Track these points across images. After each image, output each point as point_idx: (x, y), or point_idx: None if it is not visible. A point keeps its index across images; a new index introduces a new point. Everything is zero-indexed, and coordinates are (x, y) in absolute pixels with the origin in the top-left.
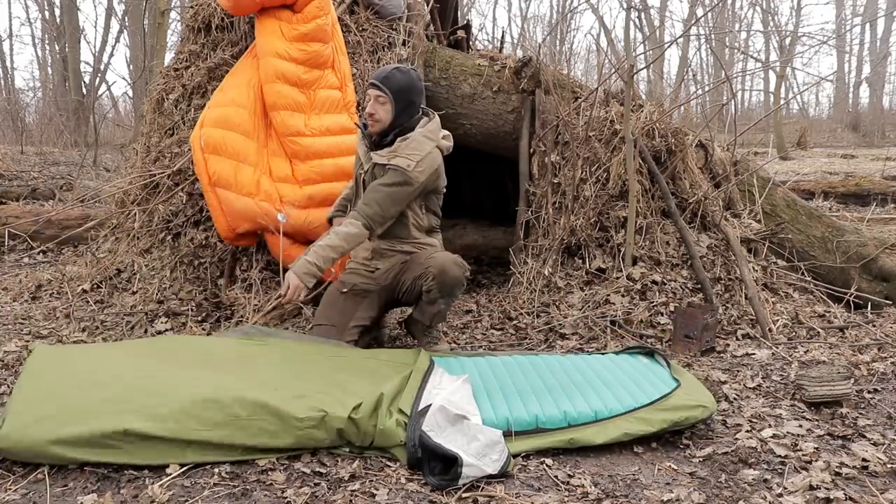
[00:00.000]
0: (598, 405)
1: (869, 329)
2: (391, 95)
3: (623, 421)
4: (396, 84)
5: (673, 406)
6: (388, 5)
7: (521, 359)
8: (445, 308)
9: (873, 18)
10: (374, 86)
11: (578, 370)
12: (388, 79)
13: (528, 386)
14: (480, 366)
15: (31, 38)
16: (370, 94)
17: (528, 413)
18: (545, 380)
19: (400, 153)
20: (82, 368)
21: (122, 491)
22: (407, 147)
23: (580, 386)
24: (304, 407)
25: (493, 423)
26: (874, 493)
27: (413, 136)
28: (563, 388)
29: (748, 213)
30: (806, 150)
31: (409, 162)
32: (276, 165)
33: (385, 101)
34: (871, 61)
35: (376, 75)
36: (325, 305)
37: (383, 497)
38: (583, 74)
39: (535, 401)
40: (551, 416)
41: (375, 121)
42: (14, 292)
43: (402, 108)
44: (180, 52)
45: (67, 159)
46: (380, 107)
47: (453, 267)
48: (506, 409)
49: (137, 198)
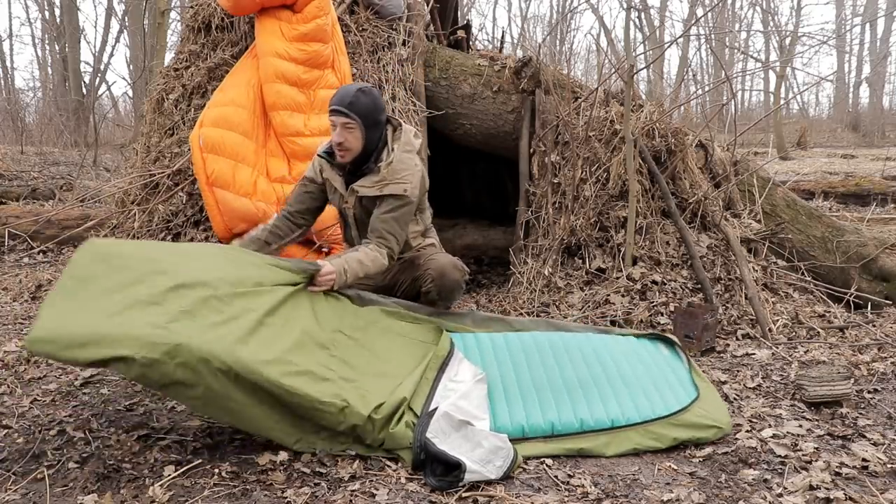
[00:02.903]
0: (615, 413)
1: (869, 329)
2: (360, 121)
3: (635, 434)
4: (364, 108)
5: (687, 423)
6: (388, 5)
7: (542, 340)
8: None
9: (873, 18)
10: (339, 112)
11: (599, 361)
12: (353, 104)
13: (546, 380)
14: (499, 350)
15: (31, 38)
16: (336, 121)
17: (544, 420)
18: (564, 372)
19: (390, 180)
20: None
21: (122, 491)
22: (396, 172)
23: (599, 384)
24: (327, 392)
25: (508, 431)
26: (874, 493)
27: (395, 157)
28: (582, 386)
29: (748, 213)
30: (806, 150)
31: (404, 186)
32: (274, 166)
33: (354, 128)
34: (871, 61)
35: (338, 101)
36: None
37: (383, 497)
38: (583, 74)
39: (552, 403)
40: (567, 423)
41: (345, 149)
42: (14, 292)
43: (371, 132)
44: (180, 52)
45: (67, 159)
46: (349, 134)
47: (453, 271)
48: (522, 414)
49: (137, 198)
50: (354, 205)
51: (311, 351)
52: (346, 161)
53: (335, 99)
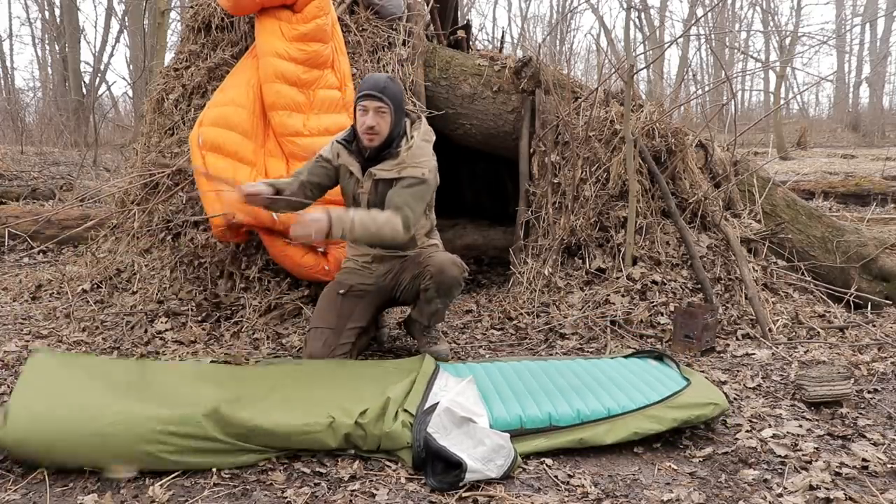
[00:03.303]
0: (610, 404)
1: (869, 329)
2: (392, 106)
3: (633, 419)
4: (395, 94)
5: (684, 404)
6: (388, 5)
7: (529, 363)
8: (443, 308)
9: (873, 18)
10: (372, 97)
11: (589, 373)
12: (386, 88)
13: (539, 387)
14: (489, 370)
15: (31, 38)
16: (368, 105)
17: (541, 411)
18: (556, 382)
19: (409, 163)
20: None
21: (122, 491)
22: (414, 157)
23: (592, 388)
24: (311, 413)
25: (506, 422)
26: (874, 493)
27: (415, 143)
28: (575, 390)
29: (748, 213)
30: (806, 150)
31: (423, 170)
32: (273, 166)
33: (386, 112)
34: (871, 61)
35: (372, 85)
36: (321, 308)
37: (383, 497)
38: (583, 74)
39: (547, 401)
40: (564, 414)
41: (375, 133)
42: (14, 292)
43: (398, 117)
44: (180, 52)
45: (67, 159)
46: (380, 118)
47: (452, 267)
48: (518, 408)
49: (137, 198)
50: (370, 189)
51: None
52: (374, 145)
53: (367, 84)
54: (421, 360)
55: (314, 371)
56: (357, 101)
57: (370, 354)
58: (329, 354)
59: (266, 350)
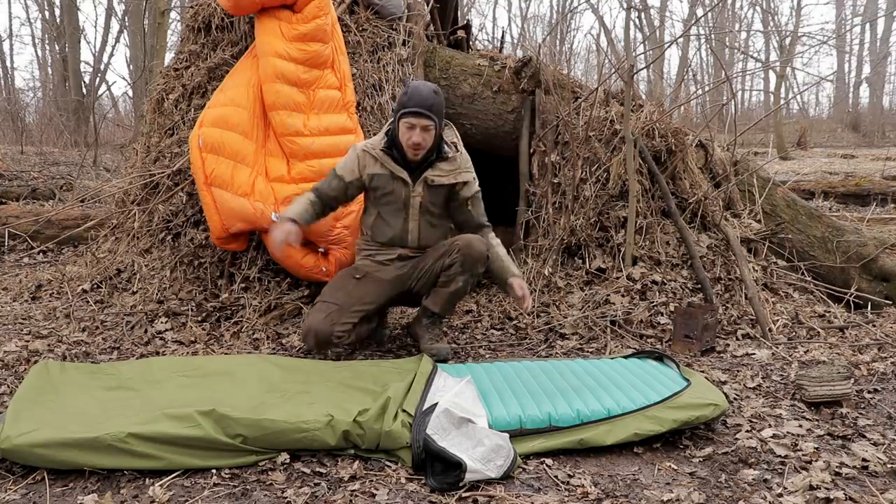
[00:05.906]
0: (610, 404)
1: (869, 329)
2: (437, 122)
3: (634, 420)
4: (440, 109)
5: (684, 404)
6: (388, 5)
7: (529, 363)
8: (464, 288)
9: (873, 18)
10: (423, 115)
11: (589, 374)
12: (433, 106)
13: (539, 388)
14: (489, 370)
15: (31, 38)
16: (416, 122)
17: (540, 412)
18: (556, 382)
19: (461, 168)
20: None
21: (122, 491)
22: (465, 161)
23: (592, 388)
24: (310, 411)
25: (506, 421)
26: (874, 493)
27: (461, 148)
28: (575, 390)
29: (748, 213)
30: (806, 150)
31: (472, 174)
32: (273, 166)
33: (432, 129)
34: (871, 61)
35: (419, 102)
36: (333, 286)
37: (383, 497)
38: (583, 74)
39: (547, 401)
40: (564, 415)
41: (422, 149)
42: (14, 292)
43: (442, 129)
44: (180, 52)
45: (67, 159)
46: (427, 135)
47: (478, 243)
48: (518, 408)
49: (137, 198)
50: (423, 194)
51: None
52: (419, 159)
53: (414, 100)
54: (419, 360)
55: (314, 370)
56: (402, 115)
57: (370, 354)
58: (328, 329)
59: (266, 350)
